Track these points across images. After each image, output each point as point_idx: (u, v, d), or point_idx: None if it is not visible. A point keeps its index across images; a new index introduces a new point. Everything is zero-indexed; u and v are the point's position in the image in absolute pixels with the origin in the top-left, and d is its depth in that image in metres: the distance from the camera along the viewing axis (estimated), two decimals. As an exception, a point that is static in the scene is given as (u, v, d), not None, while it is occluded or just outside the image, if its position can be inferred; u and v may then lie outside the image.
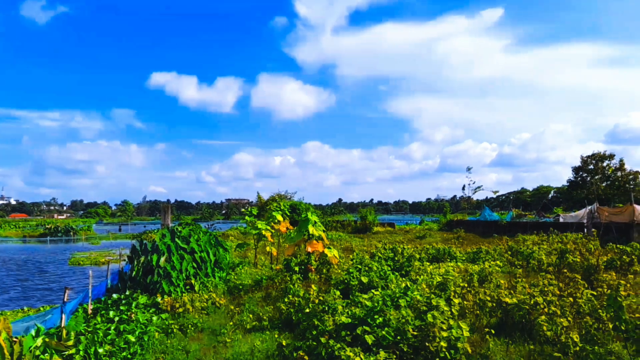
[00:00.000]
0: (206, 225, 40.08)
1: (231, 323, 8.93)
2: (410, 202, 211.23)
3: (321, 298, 8.03)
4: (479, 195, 70.05)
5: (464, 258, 17.57)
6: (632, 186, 55.68)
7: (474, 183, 58.06)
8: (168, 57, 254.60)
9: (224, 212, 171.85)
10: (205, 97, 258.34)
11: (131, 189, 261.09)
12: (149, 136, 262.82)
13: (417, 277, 11.81)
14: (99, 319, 9.15)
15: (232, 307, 10.17)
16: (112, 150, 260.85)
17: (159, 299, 10.64)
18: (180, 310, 9.87)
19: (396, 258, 14.42)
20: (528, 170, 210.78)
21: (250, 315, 9.22)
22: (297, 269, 12.62)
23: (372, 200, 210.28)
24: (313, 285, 9.33)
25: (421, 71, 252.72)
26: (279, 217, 16.56)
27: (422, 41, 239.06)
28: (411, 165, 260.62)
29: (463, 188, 59.31)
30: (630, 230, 23.78)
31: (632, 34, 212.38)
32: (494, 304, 8.55)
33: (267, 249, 16.77)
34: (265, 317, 9.03)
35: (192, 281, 12.17)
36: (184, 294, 11.16)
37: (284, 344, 6.62)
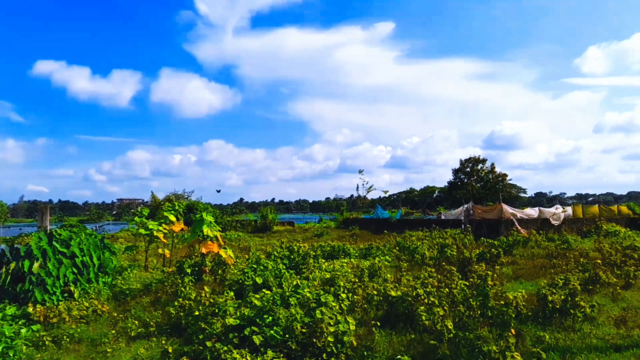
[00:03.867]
0: (94, 227, 37.09)
1: (113, 331, 8.38)
2: (311, 201, 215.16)
3: (212, 300, 7.87)
4: (373, 195, 73.74)
5: (357, 254, 18.35)
6: (500, 187, 63.00)
7: (367, 183, 61.19)
8: (57, 45, 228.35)
9: (115, 212, 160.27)
10: (99, 89, 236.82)
11: (6, 188, 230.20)
12: (29, 130, 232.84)
13: (310, 274, 12.10)
14: (-46, 335, 8.05)
15: (116, 314, 9.56)
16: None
17: (30, 309, 9.64)
18: (55, 320, 9.02)
19: (292, 256, 14.61)
20: (417, 172, 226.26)
21: (136, 322, 8.73)
22: (189, 271, 12.24)
23: (273, 199, 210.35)
24: (206, 287, 9.11)
25: (320, 76, 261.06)
26: (172, 218, 15.90)
27: (321, 48, 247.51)
28: (312, 165, 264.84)
29: (357, 188, 62.23)
30: (499, 226, 26.57)
31: (496, 52, 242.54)
32: (381, 298, 9.07)
33: (160, 251, 16.02)
34: (152, 323, 8.60)
35: (71, 288, 11.21)
36: (60, 303, 10.23)
37: (170, 350, 6.38)
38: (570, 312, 8.33)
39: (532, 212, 29.90)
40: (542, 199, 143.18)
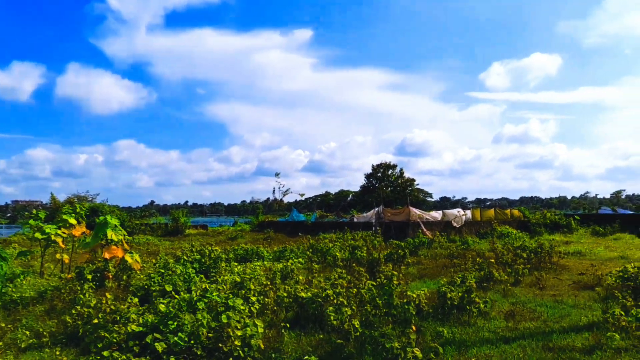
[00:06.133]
0: (-19, 231, 33.34)
1: (1, 343, 7.61)
2: (226, 204, 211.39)
3: (113, 307, 7.44)
4: (290, 198, 74.41)
5: (270, 257, 18.33)
6: (409, 191, 66.75)
7: (283, 186, 61.45)
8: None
9: (9, 215, 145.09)
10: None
11: None
12: None
13: (220, 278, 11.89)
14: None
15: (4, 325, 8.68)
16: None
17: None
18: None
19: (203, 260, 14.26)
20: (334, 176, 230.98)
21: (27, 332, 7.98)
22: (90, 277, 11.47)
23: (187, 202, 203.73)
24: (107, 294, 8.59)
25: (238, 79, 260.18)
26: (72, 221, 14.78)
27: (239, 51, 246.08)
28: (229, 168, 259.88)
29: (273, 191, 62.25)
30: (406, 228, 27.91)
31: (407, 65, 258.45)
32: (291, 299, 9.15)
33: (57, 256, 14.82)
34: (45, 333, 7.92)
35: (-50, 299, 10.02)
36: None
37: (64, 361, 5.95)
38: (466, 307, 8.98)
39: (437, 215, 31.79)
40: (446, 203, 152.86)
